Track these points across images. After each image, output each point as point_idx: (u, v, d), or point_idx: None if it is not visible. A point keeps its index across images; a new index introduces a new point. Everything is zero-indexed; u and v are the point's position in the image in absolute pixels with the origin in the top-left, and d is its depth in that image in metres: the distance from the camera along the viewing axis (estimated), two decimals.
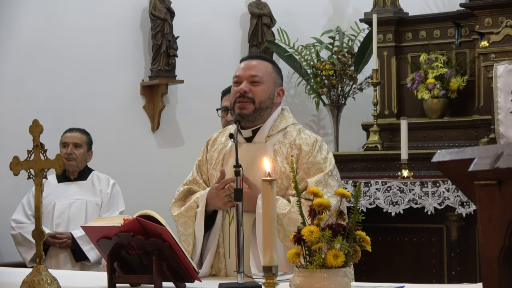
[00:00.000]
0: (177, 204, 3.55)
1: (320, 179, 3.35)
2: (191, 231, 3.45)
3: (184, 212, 3.48)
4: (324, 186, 3.33)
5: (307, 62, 7.31)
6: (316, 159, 3.40)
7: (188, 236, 3.45)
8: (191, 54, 7.16)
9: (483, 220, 1.63)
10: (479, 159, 1.63)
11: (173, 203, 3.57)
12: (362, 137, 6.99)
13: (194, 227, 3.44)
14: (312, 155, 3.41)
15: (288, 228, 3.26)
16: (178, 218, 3.50)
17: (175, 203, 3.56)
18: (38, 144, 2.77)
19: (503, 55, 5.79)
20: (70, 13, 6.64)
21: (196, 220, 3.43)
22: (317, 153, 3.42)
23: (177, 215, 3.50)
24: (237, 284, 2.92)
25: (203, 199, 3.43)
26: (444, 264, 5.86)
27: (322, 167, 3.40)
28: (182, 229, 3.48)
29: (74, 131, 5.67)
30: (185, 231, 3.47)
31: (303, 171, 3.39)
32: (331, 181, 3.38)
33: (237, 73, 3.50)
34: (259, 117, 3.47)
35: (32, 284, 2.72)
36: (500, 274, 1.61)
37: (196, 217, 3.44)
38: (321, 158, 3.41)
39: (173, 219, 3.54)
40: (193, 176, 3.62)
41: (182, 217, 3.48)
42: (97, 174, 5.71)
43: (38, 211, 2.78)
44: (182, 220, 3.48)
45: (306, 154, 3.41)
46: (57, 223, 5.51)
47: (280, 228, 3.26)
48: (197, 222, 3.43)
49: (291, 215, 3.26)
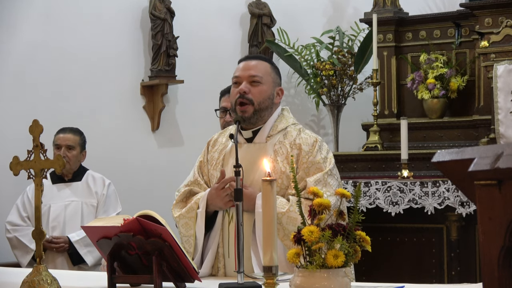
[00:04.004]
0: (178, 205, 3.56)
1: (319, 178, 3.35)
2: (192, 232, 3.46)
3: (185, 214, 3.49)
4: (324, 185, 3.33)
5: (307, 62, 7.31)
6: (315, 159, 3.41)
7: (190, 237, 3.46)
8: (191, 54, 7.16)
9: (483, 220, 1.62)
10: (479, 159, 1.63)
11: (174, 205, 3.57)
12: (362, 137, 6.99)
13: (195, 228, 3.44)
14: (312, 154, 3.42)
15: (287, 227, 3.27)
16: (179, 220, 3.51)
17: (176, 205, 3.57)
18: (38, 144, 2.77)
19: (503, 55, 5.79)
20: (70, 13, 6.64)
21: (197, 221, 3.44)
22: (317, 153, 3.42)
23: (178, 217, 3.51)
24: (237, 284, 2.92)
25: (203, 200, 3.44)
26: (444, 264, 5.86)
27: (322, 166, 3.40)
28: (184, 230, 3.49)
29: (67, 132, 5.55)
30: (186, 232, 3.48)
31: (302, 170, 3.40)
32: (331, 180, 3.38)
33: (236, 74, 3.51)
34: (260, 118, 3.48)
35: (32, 284, 2.72)
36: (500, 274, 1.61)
37: (196, 218, 3.45)
38: (320, 158, 3.42)
39: (175, 220, 3.55)
40: (194, 177, 3.63)
41: (183, 219, 3.49)
42: (92, 174, 5.62)
43: (38, 211, 2.78)
44: (183, 222, 3.49)
45: (306, 154, 3.42)
46: (53, 226, 5.45)
47: (279, 227, 3.26)
48: (198, 223, 3.44)
49: (290, 214, 3.27)
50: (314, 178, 3.35)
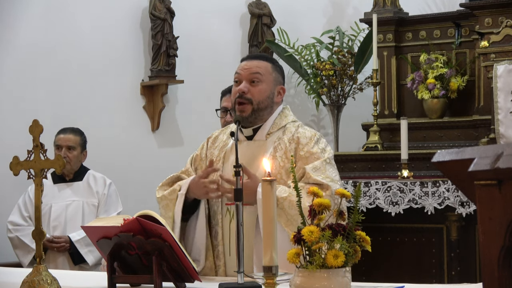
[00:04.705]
0: (163, 188, 3.59)
1: (317, 166, 3.36)
2: (171, 214, 3.47)
3: (167, 195, 3.51)
4: (322, 172, 3.34)
5: (307, 62, 7.31)
6: (313, 150, 3.43)
7: (168, 219, 3.46)
8: (191, 54, 7.16)
9: (483, 220, 1.63)
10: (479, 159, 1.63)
11: (159, 187, 3.60)
12: (362, 137, 6.99)
13: (174, 210, 3.45)
14: (309, 146, 3.43)
15: (289, 211, 3.25)
16: (160, 201, 3.53)
17: (161, 187, 3.59)
18: (38, 144, 2.77)
19: (503, 55, 5.79)
20: (70, 13, 6.64)
21: (176, 203, 3.45)
22: (314, 145, 3.44)
23: (160, 197, 3.54)
24: (237, 284, 2.92)
25: (185, 183, 3.47)
26: (444, 264, 5.86)
27: (319, 156, 3.42)
28: (163, 211, 3.50)
29: (67, 133, 5.56)
30: (165, 214, 3.49)
31: (300, 161, 3.41)
32: (329, 167, 3.40)
33: (237, 71, 3.52)
34: (259, 117, 3.49)
35: (32, 284, 2.72)
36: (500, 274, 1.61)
37: (177, 200, 3.45)
38: (318, 149, 3.44)
39: (157, 201, 3.55)
40: (186, 167, 3.67)
41: (164, 200, 3.52)
42: (93, 174, 5.63)
43: (38, 211, 2.78)
44: (164, 203, 3.51)
45: (303, 146, 3.43)
46: (54, 226, 5.46)
47: (281, 212, 3.24)
48: (177, 204, 3.45)
49: (292, 198, 3.25)
50: (312, 165, 3.36)
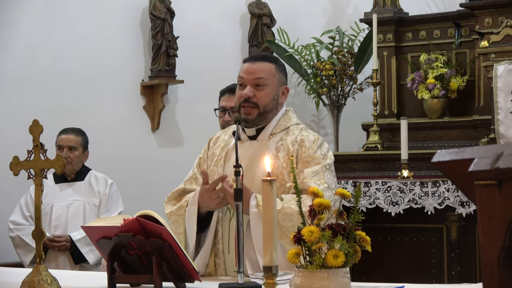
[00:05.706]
0: (170, 202, 3.58)
1: (317, 170, 3.38)
2: (182, 230, 3.47)
3: (175, 211, 3.50)
4: (321, 177, 3.35)
5: (307, 62, 7.31)
6: (315, 154, 3.45)
7: (179, 234, 3.46)
8: (191, 54, 7.16)
9: (483, 220, 1.62)
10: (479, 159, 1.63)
11: (166, 202, 3.59)
12: (362, 137, 6.99)
13: (184, 226, 3.45)
14: (312, 149, 3.45)
15: (284, 224, 3.27)
16: (169, 217, 3.53)
17: (169, 202, 3.59)
18: (38, 144, 2.77)
19: (503, 55, 5.79)
20: (70, 13, 6.64)
21: (186, 219, 3.44)
22: (317, 149, 3.46)
23: (169, 213, 3.54)
24: (237, 284, 2.92)
25: (194, 198, 3.44)
26: (444, 264, 5.86)
27: (321, 161, 3.44)
28: (174, 227, 3.50)
29: (69, 133, 5.58)
30: (176, 230, 3.49)
31: (302, 164, 3.43)
32: (328, 174, 3.42)
33: (241, 75, 3.51)
34: (264, 119, 3.52)
35: (32, 284, 2.72)
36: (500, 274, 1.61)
37: (185, 215, 3.45)
38: (320, 154, 3.46)
39: (166, 217, 3.55)
40: (193, 172, 3.67)
41: (173, 216, 3.51)
42: (94, 174, 5.65)
43: (38, 211, 2.78)
44: (174, 219, 3.51)
45: (306, 149, 3.46)
46: (55, 225, 5.48)
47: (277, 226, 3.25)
48: (188, 220, 3.44)
49: (285, 210, 3.26)
50: (312, 169, 3.38)
